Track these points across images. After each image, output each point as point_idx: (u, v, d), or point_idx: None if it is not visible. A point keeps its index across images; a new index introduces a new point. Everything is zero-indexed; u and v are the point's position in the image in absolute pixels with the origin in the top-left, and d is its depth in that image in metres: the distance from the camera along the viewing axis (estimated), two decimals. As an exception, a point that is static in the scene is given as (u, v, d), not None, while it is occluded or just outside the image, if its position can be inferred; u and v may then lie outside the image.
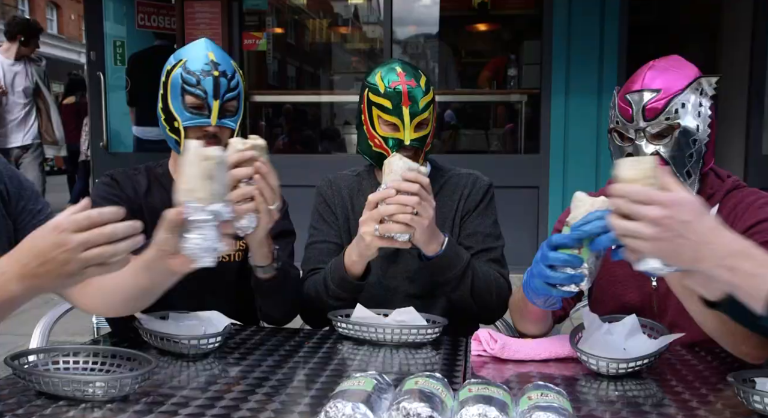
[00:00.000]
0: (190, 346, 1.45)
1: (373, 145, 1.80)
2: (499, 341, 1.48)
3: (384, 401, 1.03)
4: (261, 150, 1.49)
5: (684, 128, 1.49)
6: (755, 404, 1.11)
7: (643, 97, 1.50)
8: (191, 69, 1.66)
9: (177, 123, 1.67)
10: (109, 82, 5.69)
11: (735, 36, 5.54)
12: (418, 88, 1.77)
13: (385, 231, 1.54)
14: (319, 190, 1.95)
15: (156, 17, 5.76)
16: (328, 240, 1.88)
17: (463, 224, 1.87)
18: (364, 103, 1.81)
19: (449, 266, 1.67)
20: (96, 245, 1.08)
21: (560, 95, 5.02)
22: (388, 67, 1.81)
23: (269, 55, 6.06)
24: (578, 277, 1.28)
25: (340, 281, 1.68)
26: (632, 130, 1.51)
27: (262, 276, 1.64)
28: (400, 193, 1.52)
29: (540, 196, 5.14)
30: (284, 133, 6.57)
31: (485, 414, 0.96)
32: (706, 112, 1.51)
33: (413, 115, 1.75)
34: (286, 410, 1.15)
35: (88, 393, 1.16)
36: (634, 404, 1.20)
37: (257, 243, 1.58)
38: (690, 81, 1.50)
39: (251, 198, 1.47)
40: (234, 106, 1.70)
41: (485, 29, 6.98)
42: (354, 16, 7.72)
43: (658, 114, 1.49)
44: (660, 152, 1.49)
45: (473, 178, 1.91)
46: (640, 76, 1.53)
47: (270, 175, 1.48)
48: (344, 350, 1.55)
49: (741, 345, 1.31)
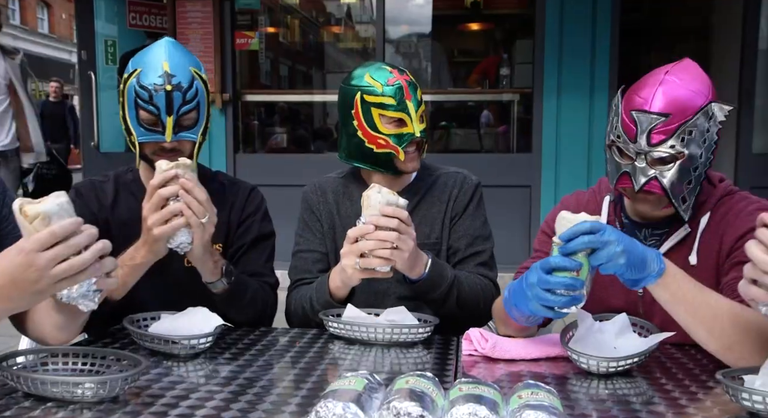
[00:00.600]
0: (181, 346, 1.44)
1: (375, 147, 1.79)
2: (490, 340, 1.48)
3: (375, 400, 1.03)
4: (186, 168, 1.52)
5: (689, 156, 1.41)
6: (744, 402, 1.12)
7: (651, 120, 1.40)
8: (144, 83, 1.60)
9: (134, 137, 1.64)
10: (100, 82, 5.67)
11: (725, 36, 5.57)
12: (412, 82, 1.79)
13: (366, 265, 1.56)
14: (305, 197, 1.95)
15: (148, 17, 5.73)
16: (313, 249, 1.89)
17: (453, 226, 1.87)
18: (356, 108, 1.80)
19: (433, 287, 1.69)
20: (64, 259, 1.12)
21: (552, 95, 5.04)
22: (375, 68, 1.81)
23: (261, 55, 6.04)
24: (579, 298, 1.28)
25: (324, 303, 1.70)
26: (633, 151, 1.43)
27: (214, 291, 1.65)
28: (380, 229, 1.52)
29: (532, 195, 5.15)
30: (277, 133, 6.56)
31: (476, 413, 0.96)
32: (712, 138, 1.44)
33: (417, 106, 1.78)
34: (276, 410, 1.15)
35: (77, 394, 1.15)
36: (624, 403, 1.20)
37: (198, 260, 1.59)
38: (701, 106, 1.41)
39: (182, 214, 1.50)
40: (192, 118, 1.64)
41: (478, 29, 6.99)
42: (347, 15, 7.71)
43: (663, 140, 1.40)
44: (659, 178, 1.42)
45: (461, 177, 1.91)
46: (650, 91, 1.41)
47: (195, 190, 1.50)
48: (335, 349, 1.55)
49: (728, 350, 1.31)
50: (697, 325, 1.32)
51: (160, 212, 1.50)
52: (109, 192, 1.78)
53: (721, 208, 1.55)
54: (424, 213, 1.87)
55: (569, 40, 5.02)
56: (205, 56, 5.24)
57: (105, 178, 1.82)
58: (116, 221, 1.75)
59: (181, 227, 1.50)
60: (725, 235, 1.51)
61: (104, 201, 1.77)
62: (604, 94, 4.94)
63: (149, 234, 1.51)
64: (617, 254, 1.25)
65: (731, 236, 1.49)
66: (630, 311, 1.52)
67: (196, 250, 1.55)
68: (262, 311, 1.76)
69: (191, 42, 5.26)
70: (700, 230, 1.53)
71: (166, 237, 1.51)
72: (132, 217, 1.71)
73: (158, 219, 1.49)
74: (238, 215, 1.83)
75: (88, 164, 5.75)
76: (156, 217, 1.49)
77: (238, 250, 1.81)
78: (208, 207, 1.51)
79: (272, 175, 5.19)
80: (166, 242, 1.52)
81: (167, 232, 1.50)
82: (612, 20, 5.01)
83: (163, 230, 1.50)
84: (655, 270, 1.28)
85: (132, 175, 1.81)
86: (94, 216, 1.72)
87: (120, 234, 1.70)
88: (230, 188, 1.86)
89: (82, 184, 1.82)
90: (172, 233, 1.51)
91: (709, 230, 1.53)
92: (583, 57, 5.01)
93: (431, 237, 1.86)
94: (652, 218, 1.59)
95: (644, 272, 1.28)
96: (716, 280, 1.51)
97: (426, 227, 1.86)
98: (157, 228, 1.50)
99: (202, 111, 1.67)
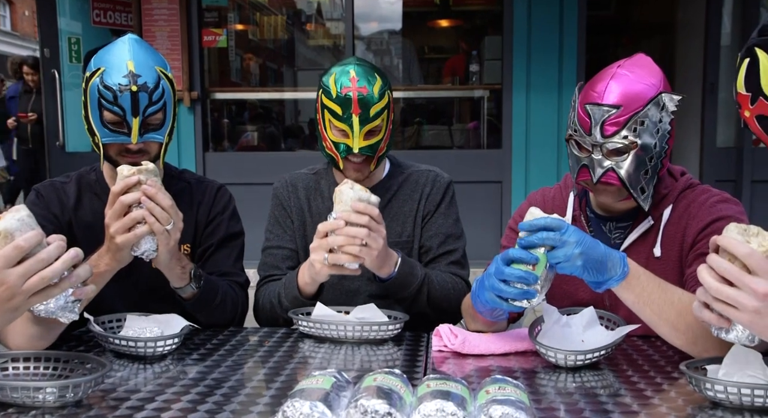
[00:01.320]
0: (147, 348, 1.42)
1: (325, 147, 1.79)
2: (459, 336, 1.48)
3: (343, 399, 1.02)
4: (149, 173, 1.48)
5: (642, 146, 1.45)
6: (707, 392, 1.14)
7: (603, 112, 1.44)
8: (108, 83, 1.55)
9: (97, 138, 1.59)
10: (64, 80, 5.55)
11: (689, 31, 5.67)
12: (371, 94, 1.71)
13: (335, 261, 1.55)
14: (275, 192, 1.93)
15: (112, 13, 5.63)
16: (282, 246, 1.88)
17: (425, 225, 1.87)
18: (318, 103, 1.79)
19: (403, 285, 1.69)
20: (34, 273, 1.09)
21: (521, 90, 5.07)
22: (342, 69, 1.75)
23: (231, 52, 5.98)
24: (531, 293, 1.28)
25: (293, 299, 1.69)
26: (589, 143, 1.47)
27: (183, 296, 1.62)
28: (350, 225, 1.52)
29: (503, 191, 5.19)
30: (247, 131, 6.50)
31: (443, 409, 0.96)
32: (665, 128, 1.47)
33: (363, 122, 1.71)
34: (244, 410, 1.14)
35: (39, 399, 1.12)
36: (591, 395, 1.22)
37: (165, 266, 1.55)
38: (652, 97, 1.45)
39: (145, 222, 1.45)
40: (159, 119, 1.60)
41: (447, 25, 7.00)
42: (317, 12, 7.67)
43: (616, 132, 1.44)
44: (616, 169, 1.46)
45: (433, 175, 1.91)
46: (602, 84, 1.46)
47: (158, 196, 1.45)
48: (305, 348, 1.54)
49: (692, 345, 1.33)
50: (662, 323, 1.34)
51: (122, 219, 1.45)
52: (71, 193, 1.74)
53: (683, 200, 1.58)
54: (395, 211, 1.87)
55: (537, 36, 5.06)
56: (172, 54, 5.17)
57: (67, 179, 1.78)
58: (79, 223, 1.71)
59: (145, 234, 1.46)
60: (688, 227, 1.54)
61: (66, 202, 1.73)
62: (572, 89, 4.98)
63: (112, 242, 1.46)
64: (574, 255, 1.25)
65: (694, 228, 1.52)
66: (597, 305, 1.54)
67: (162, 257, 1.51)
68: (232, 313, 1.74)
69: (157, 39, 5.18)
70: (663, 222, 1.56)
71: (129, 245, 1.46)
72: (96, 219, 1.66)
73: (120, 227, 1.45)
74: (206, 215, 1.80)
75: (54, 164, 5.64)
76: (118, 225, 1.45)
77: (206, 250, 1.79)
78: (172, 213, 1.47)
79: (242, 173, 5.15)
80: (130, 249, 1.48)
81: (130, 240, 1.45)
82: (579, 16, 5.06)
83: (126, 238, 1.45)
84: (617, 273, 1.29)
85: (95, 175, 1.77)
86: (56, 218, 1.69)
87: (84, 237, 1.66)
88: (197, 187, 1.83)
89: (42, 186, 1.76)
90: (135, 241, 1.46)
91: (671, 222, 1.56)
92: (551, 53, 5.05)
93: (403, 235, 1.86)
94: (616, 211, 1.61)
95: (605, 276, 1.29)
96: (680, 271, 1.54)
97: (398, 225, 1.86)
98: (120, 236, 1.45)
99: (169, 111, 1.63)
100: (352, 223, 1.53)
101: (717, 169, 5.15)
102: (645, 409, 1.14)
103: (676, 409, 1.15)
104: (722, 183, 4.83)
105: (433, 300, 1.73)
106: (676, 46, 6.10)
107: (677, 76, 5.92)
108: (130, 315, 1.56)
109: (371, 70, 1.76)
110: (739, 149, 5.23)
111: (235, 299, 1.75)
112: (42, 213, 1.66)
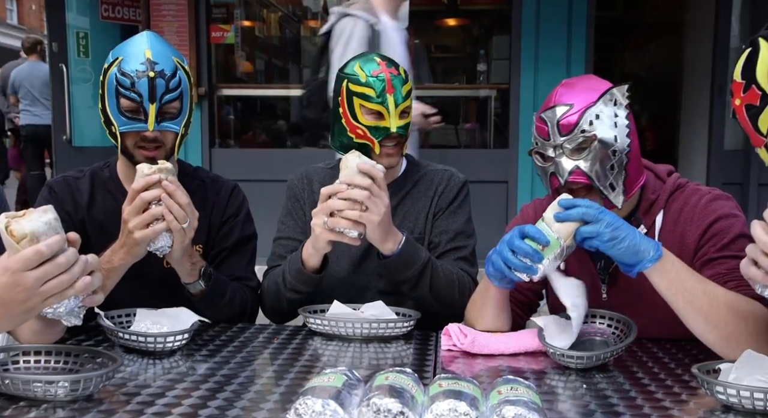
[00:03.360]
0: (157, 343, 1.42)
1: (355, 137, 1.77)
2: (468, 335, 1.48)
3: (354, 397, 1.02)
4: (168, 172, 1.51)
5: (601, 140, 1.45)
6: (719, 395, 1.13)
7: (557, 112, 1.47)
8: (125, 70, 1.55)
9: (114, 128, 1.59)
10: (72, 75, 5.56)
11: (698, 33, 5.64)
12: (399, 76, 1.76)
13: (334, 225, 1.57)
14: (290, 185, 1.94)
15: (121, 8, 5.63)
16: (292, 237, 1.87)
17: (435, 222, 1.86)
18: (342, 96, 1.78)
19: (406, 264, 1.68)
20: (52, 277, 1.09)
21: (529, 90, 5.06)
22: (365, 58, 1.79)
23: (237, 49, 5.97)
24: (533, 270, 1.37)
25: (296, 273, 1.69)
26: (551, 148, 1.48)
27: (192, 292, 1.64)
28: (352, 188, 1.55)
29: (509, 191, 5.17)
30: (253, 128, 6.50)
31: (455, 409, 0.96)
32: (622, 122, 1.48)
33: (397, 102, 1.74)
34: (254, 407, 1.14)
35: (51, 393, 1.13)
36: (601, 397, 1.21)
37: (177, 262, 1.59)
38: (602, 93, 1.47)
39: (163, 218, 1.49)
40: (176, 107, 1.60)
41: (455, 24, 6.99)
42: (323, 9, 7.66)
43: (573, 128, 1.45)
44: (580, 167, 1.46)
45: (448, 174, 1.91)
46: (552, 94, 1.51)
47: (177, 194, 1.49)
48: (314, 345, 1.54)
49: (725, 341, 1.31)
50: (695, 313, 1.32)
51: (142, 215, 1.48)
52: (84, 190, 1.74)
53: (674, 204, 1.55)
54: (408, 208, 1.87)
55: (545, 36, 5.05)
56: (179, 49, 5.13)
57: (80, 174, 1.77)
58: (93, 222, 1.72)
59: (163, 231, 1.49)
60: (685, 233, 1.52)
61: (80, 200, 1.73)
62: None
63: (129, 237, 1.49)
64: (606, 233, 1.31)
65: (693, 235, 1.50)
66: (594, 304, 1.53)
67: (176, 253, 1.54)
68: (240, 314, 1.74)
69: (165, 35, 5.17)
70: (657, 229, 1.54)
71: (147, 240, 1.49)
72: (108, 217, 1.67)
73: (140, 222, 1.48)
74: (219, 216, 1.80)
75: (60, 159, 5.64)
76: (137, 220, 1.48)
77: (219, 253, 1.79)
78: (189, 211, 1.50)
79: (248, 170, 5.14)
80: (146, 245, 1.51)
81: (149, 235, 1.48)
82: (588, 16, 5.04)
83: (145, 234, 1.48)
84: (650, 255, 1.32)
85: (109, 171, 1.77)
86: (69, 217, 1.69)
87: (96, 235, 1.67)
88: (211, 187, 1.82)
89: (55, 182, 1.76)
90: (153, 237, 1.49)
91: (666, 228, 1.54)
92: (559, 53, 5.04)
93: (415, 232, 1.85)
94: None
95: (638, 257, 1.32)
96: None
97: (410, 222, 1.85)
98: (139, 232, 1.48)
99: (186, 102, 1.63)
100: (354, 185, 1.56)
101: (724, 172, 5.12)
102: (656, 412, 1.14)
103: (688, 412, 1.14)
104: (729, 186, 4.80)
105: (436, 288, 1.71)
106: (684, 48, 6.08)
107: (685, 78, 5.90)
108: (140, 310, 1.57)
109: (391, 60, 1.82)
110: (747, 152, 5.19)
111: (245, 299, 1.75)
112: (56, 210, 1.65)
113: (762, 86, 1.14)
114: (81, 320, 1.22)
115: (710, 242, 1.48)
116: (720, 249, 1.46)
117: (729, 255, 1.44)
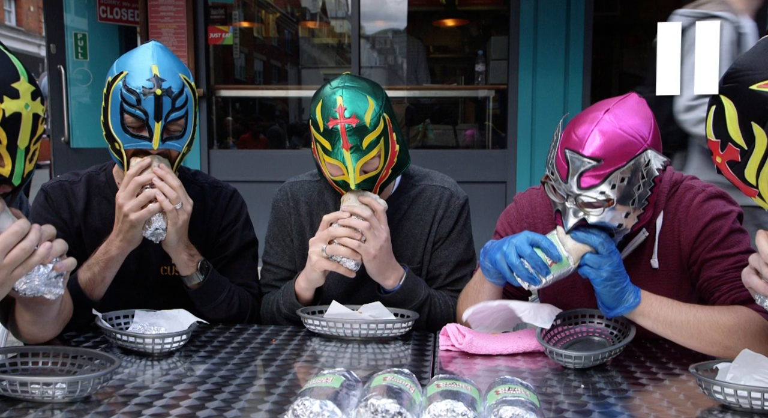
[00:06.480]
0: (155, 344, 1.42)
1: (326, 178, 1.69)
2: (467, 335, 1.48)
3: (352, 398, 1.02)
4: (159, 159, 1.57)
5: (618, 204, 1.35)
6: (716, 395, 1.13)
7: (582, 162, 1.32)
8: (131, 86, 1.51)
9: (118, 145, 1.56)
10: (70, 76, 5.56)
11: (696, 33, 5.63)
12: (361, 124, 1.53)
13: (332, 252, 1.57)
14: (276, 205, 1.85)
15: (119, 10, 5.63)
16: (281, 265, 1.82)
17: (434, 252, 1.78)
18: (311, 132, 1.63)
19: (405, 301, 1.67)
20: (13, 246, 1.16)
21: (527, 91, 5.06)
22: (329, 95, 1.56)
23: (236, 50, 5.98)
24: (536, 281, 1.37)
25: (291, 306, 1.69)
26: (564, 191, 1.38)
27: (189, 285, 1.66)
28: (353, 218, 1.56)
29: (507, 191, 5.17)
30: (251, 129, 6.50)
31: (453, 409, 0.96)
32: (648, 185, 1.37)
33: (357, 157, 1.55)
34: (252, 408, 1.14)
35: (48, 395, 1.13)
36: (599, 397, 1.21)
37: (173, 249, 1.61)
38: (637, 153, 1.33)
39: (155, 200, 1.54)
40: (180, 125, 1.57)
41: (453, 25, 7.00)
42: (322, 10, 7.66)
43: (593, 186, 1.33)
44: (588, 220, 1.37)
45: (447, 195, 1.78)
46: (586, 130, 1.33)
47: (168, 177, 1.55)
48: (312, 346, 1.54)
49: (726, 351, 1.35)
50: (686, 339, 1.39)
51: (137, 198, 1.53)
52: (80, 196, 1.72)
53: (671, 203, 1.53)
54: (406, 234, 1.77)
55: (543, 36, 5.05)
56: (178, 51, 5.16)
57: (76, 178, 1.75)
58: (88, 229, 1.71)
59: (157, 211, 1.54)
60: (681, 234, 1.51)
61: (76, 207, 1.71)
62: (579, 90, 4.98)
63: (125, 221, 1.53)
64: (604, 269, 1.36)
65: (688, 236, 1.50)
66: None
67: (170, 237, 1.57)
68: (238, 313, 1.73)
69: (164, 36, 5.17)
70: (658, 232, 1.53)
71: (142, 222, 1.54)
72: (104, 224, 1.67)
73: (135, 205, 1.53)
74: (218, 223, 1.79)
75: (58, 161, 5.64)
76: (133, 202, 1.52)
77: (220, 261, 1.78)
78: (181, 193, 1.55)
79: (246, 171, 5.14)
80: (141, 228, 1.55)
81: (144, 216, 1.53)
82: (585, 17, 5.04)
83: (140, 215, 1.53)
84: (628, 303, 1.37)
85: (105, 176, 1.76)
86: (65, 224, 1.69)
87: (92, 243, 1.67)
88: (210, 192, 1.80)
89: (51, 187, 1.73)
90: (148, 217, 1.54)
91: (665, 230, 1.53)
92: (558, 54, 5.04)
93: (413, 261, 1.77)
94: None
95: (618, 303, 1.37)
96: (679, 281, 1.53)
97: (408, 250, 1.77)
98: (134, 213, 1.52)
99: (190, 120, 1.60)
100: (355, 215, 1.56)
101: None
102: (654, 412, 1.14)
103: (686, 411, 1.14)
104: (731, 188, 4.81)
105: (433, 320, 1.70)
106: (681, 48, 6.08)
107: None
108: (138, 311, 1.56)
109: (362, 93, 1.57)
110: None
111: (245, 301, 1.75)
112: (51, 219, 1.66)
113: (738, 142, 1.15)
114: (62, 289, 1.26)
115: (703, 244, 1.48)
116: (712, 249, 1.47)
117: (721, 254, 1.45)
